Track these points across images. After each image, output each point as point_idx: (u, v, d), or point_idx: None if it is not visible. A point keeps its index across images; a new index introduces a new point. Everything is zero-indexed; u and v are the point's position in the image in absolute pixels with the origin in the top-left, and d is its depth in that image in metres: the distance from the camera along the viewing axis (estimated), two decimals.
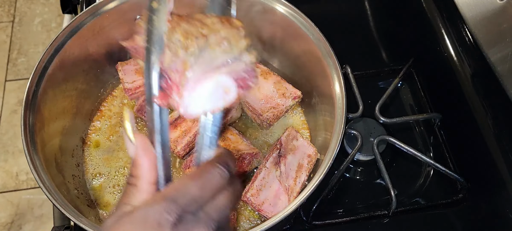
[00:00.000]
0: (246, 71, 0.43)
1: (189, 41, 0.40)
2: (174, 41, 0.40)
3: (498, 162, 0.77)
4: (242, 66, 0.42)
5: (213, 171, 0.42)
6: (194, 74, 0.40)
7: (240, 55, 0.42)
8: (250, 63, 0.43)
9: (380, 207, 0.84)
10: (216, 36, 0.40)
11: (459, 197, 0.85)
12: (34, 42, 2.14)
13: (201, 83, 0.41)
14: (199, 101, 0.41)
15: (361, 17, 1.10)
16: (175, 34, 0.40)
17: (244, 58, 0.42)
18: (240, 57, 0.42)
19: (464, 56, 0.86)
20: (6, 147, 1.86)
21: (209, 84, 0.41)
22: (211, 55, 0.40)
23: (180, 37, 0.40)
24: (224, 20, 0.42)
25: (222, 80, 0.42)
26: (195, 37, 0.40)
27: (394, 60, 1.02)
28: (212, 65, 0.41)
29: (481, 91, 0.82)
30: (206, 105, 0.42)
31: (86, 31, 0.84)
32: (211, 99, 0.42)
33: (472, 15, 0.80)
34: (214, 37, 0.40)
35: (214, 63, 0.41)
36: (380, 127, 0.89)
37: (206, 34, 0.40)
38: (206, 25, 0.41)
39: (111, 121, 0.93)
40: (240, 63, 0.42)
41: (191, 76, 0.40)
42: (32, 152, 0.72)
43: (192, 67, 0.40)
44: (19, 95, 1.99)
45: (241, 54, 0.42)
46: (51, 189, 0.69)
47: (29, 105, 0.75)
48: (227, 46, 0.41)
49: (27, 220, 1.71)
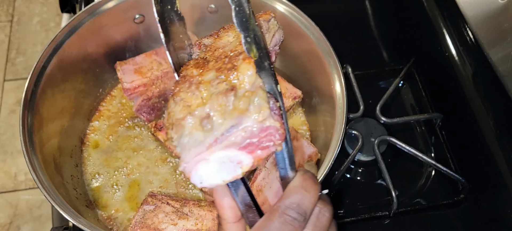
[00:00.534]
0: (255, 135, 0.36)
1: (167, 127, 0.36)
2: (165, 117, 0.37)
3: (499, 162, 0.77)
4: (247, 131, 0.35)
5: (277, 222, 0.37)
6: (185, 157, 0.36)
7: (240, 121, 0.35)
8: (258, 124, 0.35)
9: (381, 207, 0.83)
10: (201, 111, 0.35)
11: (460, 197, 0.84)
12: (32, 42, 2.13)
13: (200, 164, 0.36)
14: (210, 176, 0.37)
15: (362, 16, 1.10)
16: (167, 108, 0.37)
17: (246, 122, 0.35)
18: (240, 122, 0.35)
19: (465, 56, 0.85)
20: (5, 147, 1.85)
21: (209, 163, 0.36)
22: (196, 137, 0.35)
23: (165, 119, 0.37)
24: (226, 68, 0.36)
25: (223, 155, 0.36)
26: (171, 124, 0.35)
27: (395, 60, 1.02)
28: (203, 145, 0.35)
29: (483, 91, 0.82)
30: (220, 177, 0.37)
31: (85, 31, 0.84)
32: (223, 172, 0.37)
33: (474, 15, 0.80)
34: (195, 117, 0.35)
35: (205, 143, 0.35)
36: (381, 127, 0.89)
37: (188, 113, 0.35)
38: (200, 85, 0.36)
39: (110, 120, 0.92)
40: (241, 130, 0.35)
41: (184, 158, 0.36)
42: (31, 152, 0.72)
43: (181, 153, 0.36)
44: (17, 95, 1.98)
45: (240, 119, 0.35)
46: (49, 190, 0.68)
47: (28, 105, 0.75)
48: (215, 121, 0.35)
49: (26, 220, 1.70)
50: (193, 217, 0.78)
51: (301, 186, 0.39)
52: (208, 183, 0.37)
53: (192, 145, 0.36)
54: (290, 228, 0.37)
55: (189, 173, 0.37)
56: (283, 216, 0.37)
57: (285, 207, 0.38)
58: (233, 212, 0.41)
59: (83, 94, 0.90)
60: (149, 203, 0.80)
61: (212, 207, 0.80)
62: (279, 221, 0.37)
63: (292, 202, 0.38)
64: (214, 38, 0.41)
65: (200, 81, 0.37)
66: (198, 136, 0.35)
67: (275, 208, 0.38)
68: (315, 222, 0.39)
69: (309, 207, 0.38)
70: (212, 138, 0.35)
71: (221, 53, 0.38)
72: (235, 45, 0.38)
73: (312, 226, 0.39)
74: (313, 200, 0.39)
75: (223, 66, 0.37)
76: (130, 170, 0.87)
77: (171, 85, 0.93)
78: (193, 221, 0.78)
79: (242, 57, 0.37)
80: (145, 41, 0.95)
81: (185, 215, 0.78)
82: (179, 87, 0.37)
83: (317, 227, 0.39)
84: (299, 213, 0.38)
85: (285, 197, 0.39)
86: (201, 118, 0.35)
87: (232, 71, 0.36)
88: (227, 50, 0.38)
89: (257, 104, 0.35)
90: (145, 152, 0.89)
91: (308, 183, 0.39)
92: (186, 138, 0.35)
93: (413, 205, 0.84)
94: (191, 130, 0.35)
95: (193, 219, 0.78)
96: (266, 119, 0.35)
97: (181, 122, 0.35)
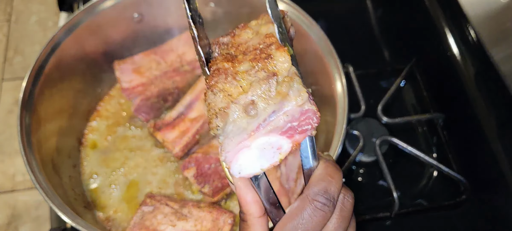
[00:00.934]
0: (295, 118, 0.37)
1: (210, 117, 0.37)
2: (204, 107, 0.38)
3: (502, 163, 0.76)
4: (289, 115, 0.37)
5: (309, 209, 0.39)
6: (227, 145, 0.37)
7: (281, 106, 0.37)
8: (298, 107, 0.37)
9: (382, 208, 0.82)
10: (244, 99, 0.37)
11: (462, 198, 0.84)
12: (30, 41, 2.12)
13: (242, 152, 0.38)
14: (249, 164, 0.38)
15: (363, 15, 1.09)
16: (205, 100, 0.38)
17: (287, 106, 0.37)
18: (281, 107, 0.37)
19: (468, 56, 0.85)
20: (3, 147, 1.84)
21: (251, 150, 0.38)
22: (240, 125, 0.37)
23: (205, 109, 0.38)
24: (262, 58, 0.38)
25: (264, 141, 0.38)
26: (215, 113, 0.37)
27: (396, 59, 1.01)
28: (245, 133, 0.37)
29: (485, 91, 0.81)
30: (259, 165, 0.38)
31: (83, 30, 0.83)
32: (262, 159, 0.38)
33: (476, 14, 0.79)
34: (238, 105, 0.37)
35: (247, 130, 0.37)
36: (382, 127, 0.88)
37: (230, 101, 0.37)
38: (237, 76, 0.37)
39: (108, 121, 0.91)
40: (283, 114, 0.37)
41: (226, 147, 0.37)
42: (29, 153, 0.71)
43: (223, 142, 0.37)
44: (15, 95, 1.97)
45: (281, 104, 0.37)
46: (47, 191, 0.68)
47: (26, 105, 0.75)
48: (260, 106, 0.37)
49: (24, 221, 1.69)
50: (192, 218, 0.78)
51: (326, 173, 0.41)
52: (246, 172, 0.38)
53: (235, 133, 0.37)
54: (321, 213, 0.39)
55: (229, 163, 0.38)
56: (313, 203, 0.39)
57: (315, 194, 0.39)
58: (258, 206, 0.41)
59: (81, 94, 0.89)
60: (147, 204, 0.79)
61: (212, 208, 0.79)
62: (311, 208, 0.39)
63: (320, 189, 0.39)
64: (230, 37, 0.42)
65: (236, 72, 0.38)
66: (242, 123, 0.37)
67: (304, 197, 0.39)
68: (341, 207, 0.40)
69: (336, 193, 0.40)
70: (255, 124, 0.37)
71: (247, 47, 0.40)
72: (260, 39, 0.40)
73: (339, 210, 0.40)
74: (339, 186, 0.40)
75: (257, 56, 0.38)
76: (128, 170, 0.86)
77: (170, 84, 0.92)
78: (192, 222, 0.77)
79: (275, 47, 0.38)
80: (144, 41, 0.95)
81: (184, 216, 0.78)
82: (216, 79, 0.38)
83: (344, 211, 0.40)
84: (327, 199, 0.39)
85: (312, 184, 0.40)
86: (246, 104, 0.37)
87: (268, 60, 0.38)
88: (252, 44, 0.40)
89: (296, 89, 0.37)
90: (143, 152, 0.88)
91: (332, 170, 0.41)
92: (230, 125, 0.37)
93: (414, 206, 0.84)
94: (235, 117, 0.37)
95: (192, 220, 0.77)
96: (305, 102, 0.37)
97: (225, 110, 0.37)
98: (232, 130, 0.37)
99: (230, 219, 0.78)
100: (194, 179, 0.81)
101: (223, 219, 0.77)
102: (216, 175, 0.81)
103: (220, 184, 0.81)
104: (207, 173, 0.82)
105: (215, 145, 0.85)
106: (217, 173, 0.81)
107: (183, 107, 0.88)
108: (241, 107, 0.37)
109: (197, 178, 0.81)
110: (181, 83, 0.93)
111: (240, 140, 0.37)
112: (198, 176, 0.81)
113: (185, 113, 0.88)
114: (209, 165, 0.82)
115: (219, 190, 0.81)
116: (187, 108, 0.88)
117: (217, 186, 0.81)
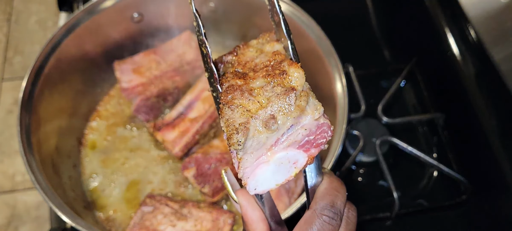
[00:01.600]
0: (312, 132, 0.38)
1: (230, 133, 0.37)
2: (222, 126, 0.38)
3: (502, 163, 0.76)
4: (306, 128, 0.38)
5: (318, 223, 0.39)
6: (246, 161, 0.38)
7: (299, 120, 0.38)
8: (315, 121, 0.38)
9: (382, 209, 0.82)
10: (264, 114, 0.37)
11: (463, 198, 0.84)
12: (30, 41, 2.12)
13: (260, 168, 0.38)
14: (265, 179, 0.39)
15: (363, 15, 1.09)
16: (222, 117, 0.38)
17: (305, 120, 0.38)
18: (299, 121, 0.38)
19: (468, 55, 0.84)
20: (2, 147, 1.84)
21: (269, 165, 0.38)
22: (259, 139, 0.37)
23: (223, 125, 0.38)
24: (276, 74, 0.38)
25: (282, 155, 0.38)
26: (235, 128, 0.37)
27: (397, 59, 1.01)
28: (264, 147, 0.38)
29: (485, 91, 0.81)
30: (274, 180, 0.39)
31: (83, 30, 0.83)
32: (278, 174, 0.39)
33: (476, 14, 0.79)
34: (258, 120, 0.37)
35: (266, 145, 0.38)
36: (382, 127, 0.88)
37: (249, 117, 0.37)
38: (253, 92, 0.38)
39: (108, 121, 0.91)
40: (301, 127, 0.38)
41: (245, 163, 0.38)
42: (28, 153, 0.71)
43: (243, 157, 0.38)
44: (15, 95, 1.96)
45: (299, 118, 0.38)
46: (47, 191, 0.68)
47: (26, 105, 0.74)
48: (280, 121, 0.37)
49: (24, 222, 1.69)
50: (192, 218, 0.77)
51: (332, 187, 0.41)
52: (262, 188, 0.38)
53: (255, 148, 0.37)
54: (330, 227, 0.39)
55: (247, 179, 0.38)
56: (322, 217, 0.39)
57: (322, 208, 0.40)
58: (264, 224, 0.42)
59: (81, 94, 0.89)
60: (147, 204, 0.79)
61: (211, 208, 0.79)
62: (319, 222, 0.39)
63: (327, 203, 0.40)
64: (233, 55, 0.42)
65: (251, 88, 0.38)
66: (262, 138, 0.37)
67: (311, 212, 0.40)
68: (347, 221, 0.41)
69: (342, 206, 0.41)
70: (274, 139, 0.38)
71: (255, 64, 0.40)
72: (268, 57, 0.41)
73: (346, 224, 0.41)
74: (344, 199, 0.41)
75: (271, 73, 0.39)
76: (128, 170, 0.86)
77: (170, 84, 0.92)
78: (192, 222, 0.77)
79: (288, 63, 0.39)
80: (144, 41, 0.95)
81: (184, 216, 0.78)
82: (232, 95, 0.38)
83: (349, 225, 0.41)
84: (334, 213, 0.40)
85: (319, 199, 0.40)
86: (266, 119, 0.37)
87: (283, 76, 0.38)
88: (261, 61, 0.40)
89: (312, 103, 0.38)
90: (143, 152, 0.88)
91: (337, 184, 0.41)
92: (250, 140, 0.37)
93: (415, 206, 0.84)
94: (256, 132, 0.37)
95: (192, 220, 0.77)
96: (321, 116, 0.38)
97: (245, 125, 0.37)
98: (252, 145, 0.37)
99: (230, 219, 0.78)
100: (194, 179, 0.81)
101: (223, 219, 0.77)
102: (216, 175, 0.81)
103: (220, 184, 0.81)
104: (207, 173, 0.81)
105: (215, 144, 0.85)
106: (217, 173, 0.81)
107: (183, 108, 0.88)
108: (262, 122, 0.37)
109: (197, 178, 0.81)
110: (181, 83, 0.93)
111: (259, 155, 0.38)
112: (198, 176, 0.81)
113: (185, 113, 0.88)
114: (209, 165, 0.82)
115: (219, 190, 0.81)
116: (187, 108, 0.88)
117: (217, 186, 0.81)
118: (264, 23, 0.88)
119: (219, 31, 0.96)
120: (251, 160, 0.38)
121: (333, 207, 0.40)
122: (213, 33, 0.96)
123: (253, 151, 0.38)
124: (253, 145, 0.37)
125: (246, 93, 0.38)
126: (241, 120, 0.37)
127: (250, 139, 0.37)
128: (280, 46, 0.41)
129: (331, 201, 0.40)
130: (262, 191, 0.39)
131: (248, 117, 0.37)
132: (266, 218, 0.42)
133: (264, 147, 0.38)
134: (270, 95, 0.38)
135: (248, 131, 0.37)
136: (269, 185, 0.39)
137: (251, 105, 0.38)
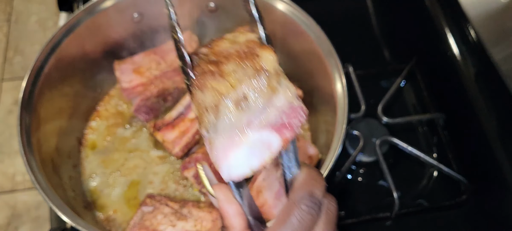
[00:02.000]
0: (285, 113, 0.38)
1: (202, 113, 0.37)
2: (193, 110, 0.38)
3: (502, 163, 0.76)
4: (279, 110, 0.38)
5: (297, 213, 0.38)
6: (218, 144, 0.37)
7: (271, 101, 0.37)
8: (288, 102, 0.38)
9: (382, 209, 0.82)
10: (235, 94, 0.37)
11: (463, 198, 0.84)
12: (30, 41, 2.12)
13: (232, 150, 0.37)
14: (239, 164, 0.38)
15: (363, 15, 1.09)
16: (194, 101, 0.38)
17: (278, 102, 0.38)
18: (271, 102, 0.37)
19: (468, 55, 0.85)
20: (2, 147, 1.84)
21: (241, 148, 0.37)
22: (231, 120, 0.37)
23: (194, 109, 0.38)
24: (248, 57, 0.38)
25: (256, 138, 0.37)
26: (206, 108, 0.37)
27: (396, 59, 1.01)
28: (236, 129, 0.37)
29: (485, 91, 0.81)
30: (249, 165, 0.38)
31: (83, 30, 0.83)
32: (252, 158, 0.38)
33: (476, 14, 0.79)
34: (230, 100, 0.36)
35: (238, 126, 0.37)
36: (382, 127, 0.88)
37: (220, 97, 0.37)
38: (224, 75, 0.37)
39: (108, 121, 0.91)
40: (274, 108, 0.38)
41: (217, 145, 0.37)
42: (29, 153, 0.71)
43: (214, 140, 0.37)
44: (15, 95, 1.97)
45: (271, 99, 0.37)
46: (47, 191, 0.68)
47: (26, 105, 0.74)
48: (251, 101, 0.37)
49: (24, 222, 1.69)
50: (192, 218, 0.77)
51: (310, 177, 0.40)
52: (236, 173, 0.38)
53: (227, 129, 0.37)
54: (309, 217, 0.38)
55: (220, 162, 0.38)
56: (300, 207, 0.38)
57: (300, 198, 0.39)
58: (241, 218, 0.41)
59: (81, 94, 0.89)
60: (147, 204, 0.79)
61: (212, 208, 0.79)
62: (298, 212, 0.38)
63: (306, 193, 0.39)
64: (208, 48, 0.42)
65: (223, 71, 0.38)
66: (233, 118, 0.37)
67: (290, 202, 0.39)
68: (326, 211, 0.40)
69: (320, 196, 0.40)
70: (246, 120, 0.37)
71: (229, 53, 0.40)
72: (241, 46, 0.40)
73: (325, 215, 0.40)
74: (322, 189, 0.40)
75: (243, 56, 0.39)
76: (128, 170, 0.86)
77: (170, 84, 0.92)
78: (192, 222, 0.77)
79: (259, 47, 0.39)
80: (144, 41, 0.95)
81: (184, 216, 0.78)
82: (203, 80, 0.38)
83: (329, 215, 0.40)
84: (313, 202, 0.39)
85: (297, 189, 0.40)
86: (237, 99, 0.37)
87: (255, 57, 0.38)
88: (234, 50, 0.40)
89: (284, 84, 0.39)
90: (143, 152, 0.88)
91: (315, 174, 0.41)
92: (221, 121, 0.37)
93: (415, 206, 0.84)
94: (227, 112, 0.37)
95: (192, 220, 0.77)
96: (294, 98, 0.38)
97: (217, 106, 0.37)
98: (223, 126, 0.37)
99: None
100: (194, 179, 0.81)
101: None
102: (216, 175, 0.81)
103: None
104: None
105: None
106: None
107: (183, 108, 0.88)
108: (233, 102, 0.37)
109: (197, 178, 0.81)
110: (181, 83, 0.93)
111: (231, 136, 0.37)
112: (198, 176, 0.81)
113: (185, 113, 0.88)
114: (209, 165, 0.82)
115: None
116: (187, 108, 0.88)
117: None
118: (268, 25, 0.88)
119: (219, 31, 0.96)
120: (224, 142, 0.37)
121: (311, 197, 0.39)
122: (213, 33, 0.96)
123: (225, 132, 0.37)
124: (224, 126, 0.37)
125: (218, 76, 0.38)
126: (212, 100, 0.37)
127: (222, 120, 0.37)
128: (254, 36, 0.41)
129: (309, 191, 0.39)
130: (237, 177, 0.38)
131: (220, 97, 0.37)
132: (244, 213, 0.41)
133: (236, 127, 0.37)
134: (241, 77, 0.38)
135: (219, 111, 0.37)
136: (244, 170, 0.38)
137: (222, 87, 0.37)
